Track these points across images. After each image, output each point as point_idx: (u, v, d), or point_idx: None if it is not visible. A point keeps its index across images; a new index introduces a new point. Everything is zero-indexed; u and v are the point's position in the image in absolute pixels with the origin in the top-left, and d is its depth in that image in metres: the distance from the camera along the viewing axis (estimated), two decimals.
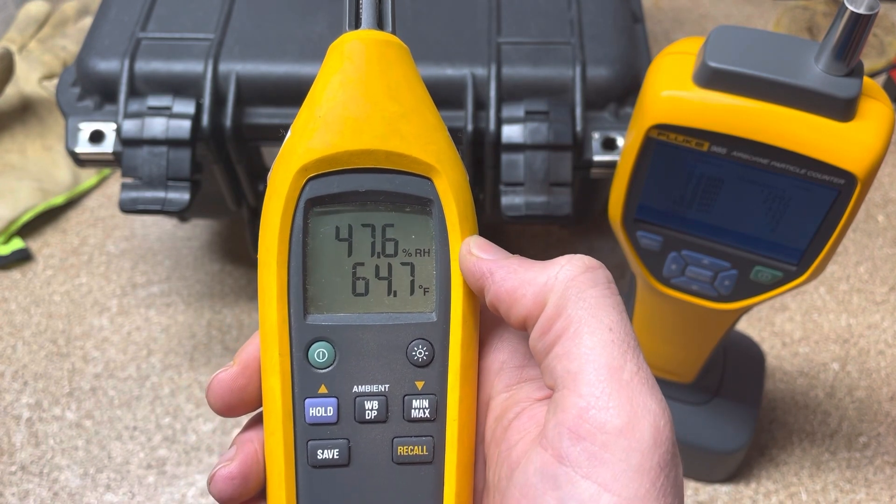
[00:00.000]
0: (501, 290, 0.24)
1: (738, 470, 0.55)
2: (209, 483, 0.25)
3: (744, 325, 0.63)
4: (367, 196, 0.25)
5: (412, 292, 0.26)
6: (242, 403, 0.26)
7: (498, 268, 0.24)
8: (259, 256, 0.25)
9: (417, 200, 0.25)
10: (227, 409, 0.26)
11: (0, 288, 0.66)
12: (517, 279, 0.24)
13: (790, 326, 0.63)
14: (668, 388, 0.52)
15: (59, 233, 0.69)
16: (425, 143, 0.25)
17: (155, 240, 0.69)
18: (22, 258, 0.67)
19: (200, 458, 0.56)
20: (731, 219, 0.38)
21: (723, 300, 0.41)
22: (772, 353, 0.61)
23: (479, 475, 0.27)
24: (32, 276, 0.66)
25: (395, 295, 0.26)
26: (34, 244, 0.68)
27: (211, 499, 0.54)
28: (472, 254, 0.25)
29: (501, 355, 0.27)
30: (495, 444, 0.26)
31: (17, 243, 0.67)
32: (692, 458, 0.53)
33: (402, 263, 0.26)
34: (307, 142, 0.24)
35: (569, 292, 0.23)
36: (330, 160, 0.24)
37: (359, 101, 0.25)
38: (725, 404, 0.53)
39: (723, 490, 0.55)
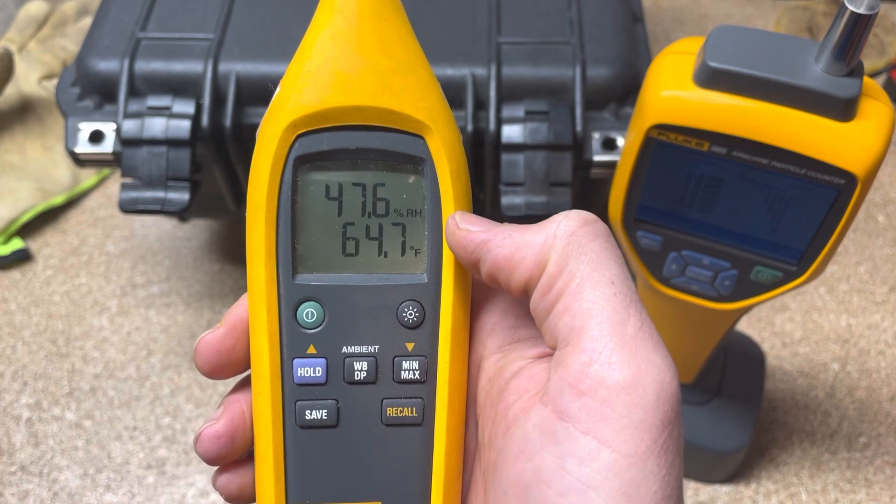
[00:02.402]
0: (500, 257, 0.23)
1: (738, 470, 0.55)
2: (195, 442, 0.25)
3: (744, 325, 0.63)
4: (357, 154, 0.24)
5: (403, 253, 0.25)
6: (230, 364, 0.25)
7: (492, 236, 0.23)
8: (247, 215, 0.25)
9: (409, 159, 0.25)
10: (214, 371, 0.25)
11: (0, 288, 0.66)
12: (514, 243, 0.23)
13: (790, 326, 0.63)
14: None
15: (59, 233, 0.69)
16: (418, 100, 0.24)
17: (155, 240, 0.69)
18: (22, 258, 0.67)
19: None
20: (732, 219, 0.38)
21: (723, 300, 0.41)
22: (772, 353, 0.61)
23: (470, 436, 0.26)
24: (32, 276, 0.66)
25: (385, 256, 0.25)
26: (34, 244, 0.68)
27: (211, 499, 0.54)
28: (460, 228, 0.24)
29: (493, 316, 0.26)
30: (490, 405, 0.25)
31: (16, 243, 0.67)
32: (692, 458, 0.53)
33: (394, 224, 0.25)
34: (296, 97, 0.24)
35: (570, 248, 0.22)
36: (319, 116, 0.24)
37: (349, 55, 0.24)
38: (725, 404, 0.53)
39: (723, 490, 0.55)
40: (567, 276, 0.22)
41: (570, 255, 0.22)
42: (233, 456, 0.25)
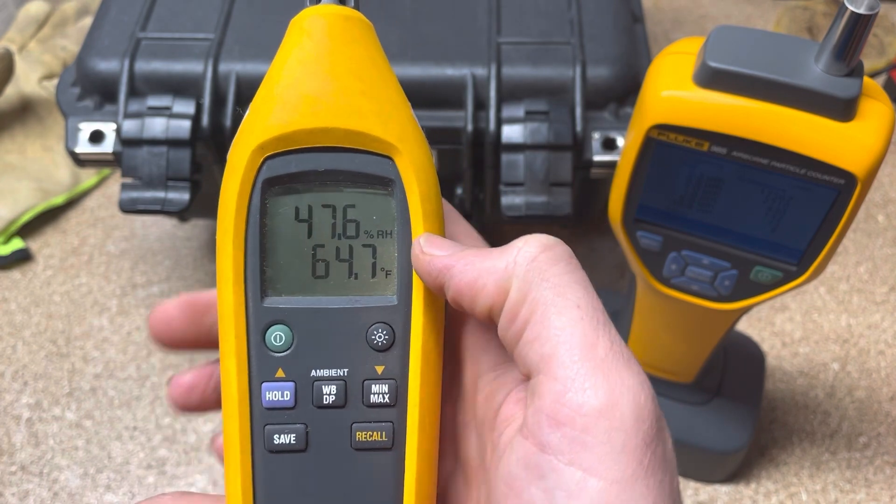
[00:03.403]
0: (462, 284, 0.23)
1: (738, 470, 0.55)
2: (167, 383, 0.28)
3: (744, 325, 0.63)
4: (326, 176, 0.24)
5: (374, 275, 0.25)
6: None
7: (454, 262, 0.23)
8: (217, 237, 0.25)
9: (378, 180, 0.24)
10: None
11: (0, 288, 0.66)
12: (475, 270, 0.23)
13: (790, 326, 0.63)
14: (668, 388, 0.52)
15: (59, 233, 0.69)
16: (386, 121, 0.24)
17: (155, 240, 0.69)
18: (22, 258, 0.67)
19: (200, 458, 0.56)
20: (732, 219, 0.38)
21: (723, 300, 0.41)
22: (772, 353, 0.61)
23: (468, 450, 0.26)
24: (32, 276, 0.66)
25: (356, 277, 0.25)
26: (34, 244, 0.68)
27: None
28: (424, 253, 0.24)
29: (487, 332, 0.26)
30: (488, 427, 0.25)
31: (17, 243, 0.67)
32: (692, 458, 0.53)
33: (364, 245, 0.25)
34: (264, 120, 0.24)
35: (530, 275, 0.22)
36: (287, 139, 0.24)
37: (318, 77, 0.24)
38: (725, 404, 0.53)
39: (723, 490, 0.55)
40: (531, 304, 0.22)
41: (532, 282, 0.22)
42: (198, 408, 0.28)
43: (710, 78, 0.33)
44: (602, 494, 0.20)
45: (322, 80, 0.24)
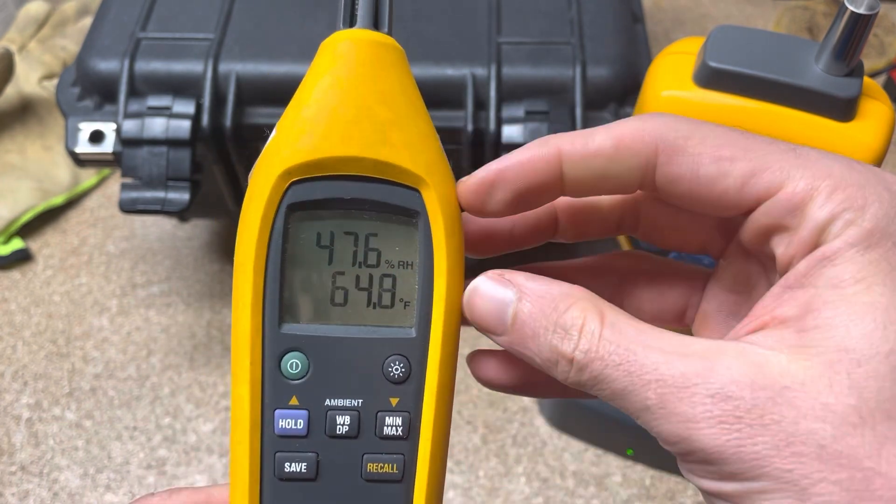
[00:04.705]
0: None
1: None
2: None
3: None
4: (351, 204, 0.24)
5: (392, 305, 0.25)
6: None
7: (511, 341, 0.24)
8: (235, 259, 0.24)
9: (404, 211, 0.24)
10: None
11: (0, 288, 0.66)
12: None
13: None
14: None
15: (59, 233, 0.69)
16: (416, 153, 0.24)
17: (155, 240, 0.69)
18: (22, 258, 0.67)
19: (200, 458, 0.56)
20: None
21: None
22: None
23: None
24: (32, 276, 0.66)
25: (374, 307, 0.25)
26: (34, 244, 0.68)
27: None
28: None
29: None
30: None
31: (17, 243, 0.67)
32: None
33: (384, 275, 0.25)
34: (292, 144, 0.24)
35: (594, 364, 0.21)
36: (315, 165, 0.24)
37: (348, 104, 0.24)
38: None
39: None
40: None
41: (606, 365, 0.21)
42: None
43: (710, 78, 0.33)
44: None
45: (353, 108, 0.24)
